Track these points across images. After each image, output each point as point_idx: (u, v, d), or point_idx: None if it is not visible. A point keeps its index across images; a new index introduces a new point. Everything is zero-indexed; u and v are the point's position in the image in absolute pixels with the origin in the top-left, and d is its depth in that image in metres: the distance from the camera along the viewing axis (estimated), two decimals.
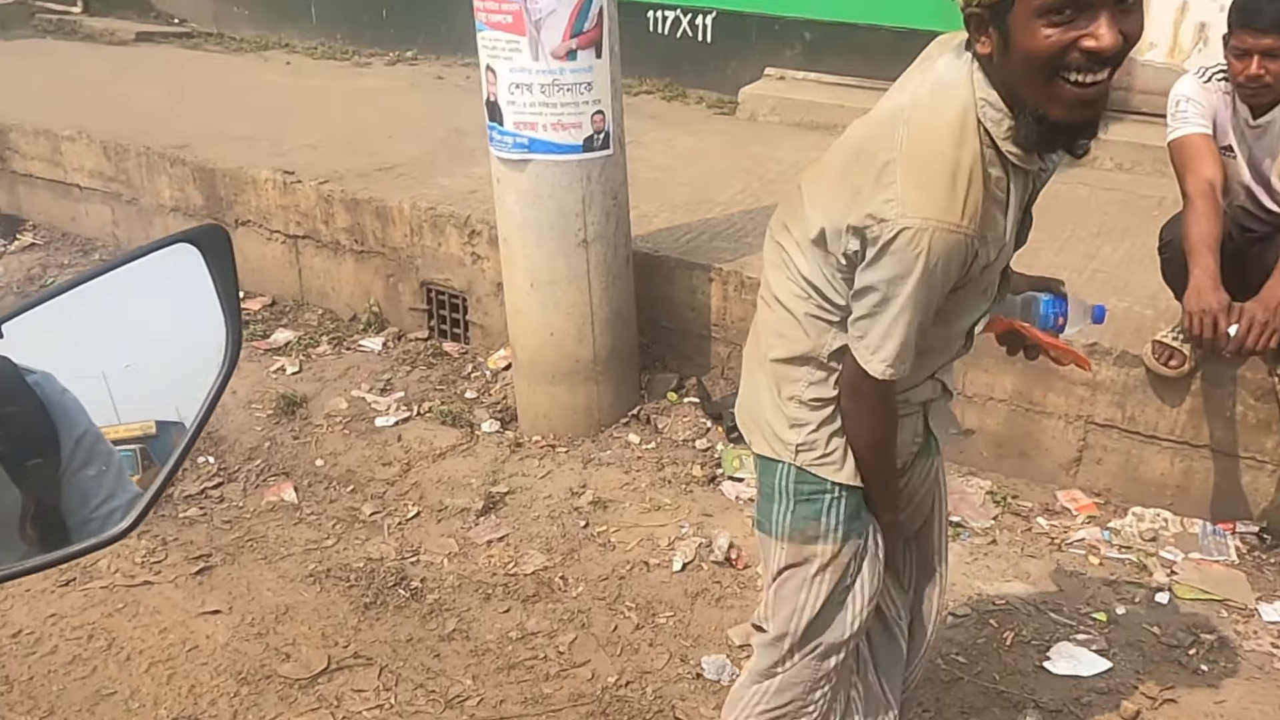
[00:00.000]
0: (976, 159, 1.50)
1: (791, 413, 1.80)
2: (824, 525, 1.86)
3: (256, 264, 4.77)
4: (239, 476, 3.50)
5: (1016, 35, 1.41)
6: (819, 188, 1.66)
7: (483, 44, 3.17)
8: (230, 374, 1.01)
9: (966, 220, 1.49)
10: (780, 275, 1.76)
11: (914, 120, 1.53)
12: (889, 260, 1.51)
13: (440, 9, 6.78)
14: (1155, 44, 5.05)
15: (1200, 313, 2.56)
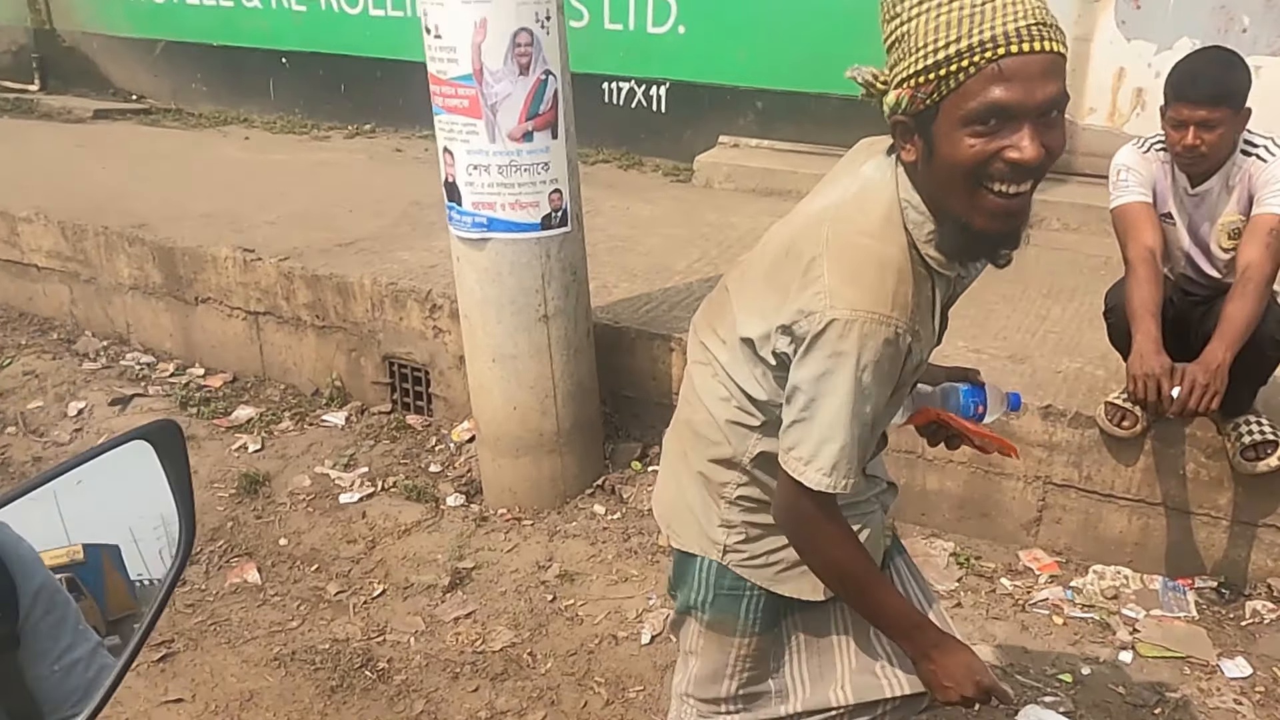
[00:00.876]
0: (904, 252, 1.49)
1: (723, 512, 1.76)
2: (742, 619, 1.83)
3: (217, 341, 4.76)
4: (201, 558, 3.47)
5: (941, 144, 1.41)
6: (746, 288, 1.64)
7: (440, 127, 3.23)
8: (184, 564, 1.04)
9: (896, 311, 1.46)
10: (705, 374, 1.73)
11: (840, 217, 1.53)
12: (818, 354, 1.47)
13: (397, 83, 6.87)
14: (1095, 109, 5.22)
15: (1144, 376, 2.63)
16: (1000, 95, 1.35)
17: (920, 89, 1.39)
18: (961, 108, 1.37)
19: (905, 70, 1.40)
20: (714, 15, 5.98)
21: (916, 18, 1.38)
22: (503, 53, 3.04)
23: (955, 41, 1.35)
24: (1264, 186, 2.73)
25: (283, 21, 7.38)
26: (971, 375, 1.96)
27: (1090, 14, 5.12)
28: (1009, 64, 1.34)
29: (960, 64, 1.35)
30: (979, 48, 1.34)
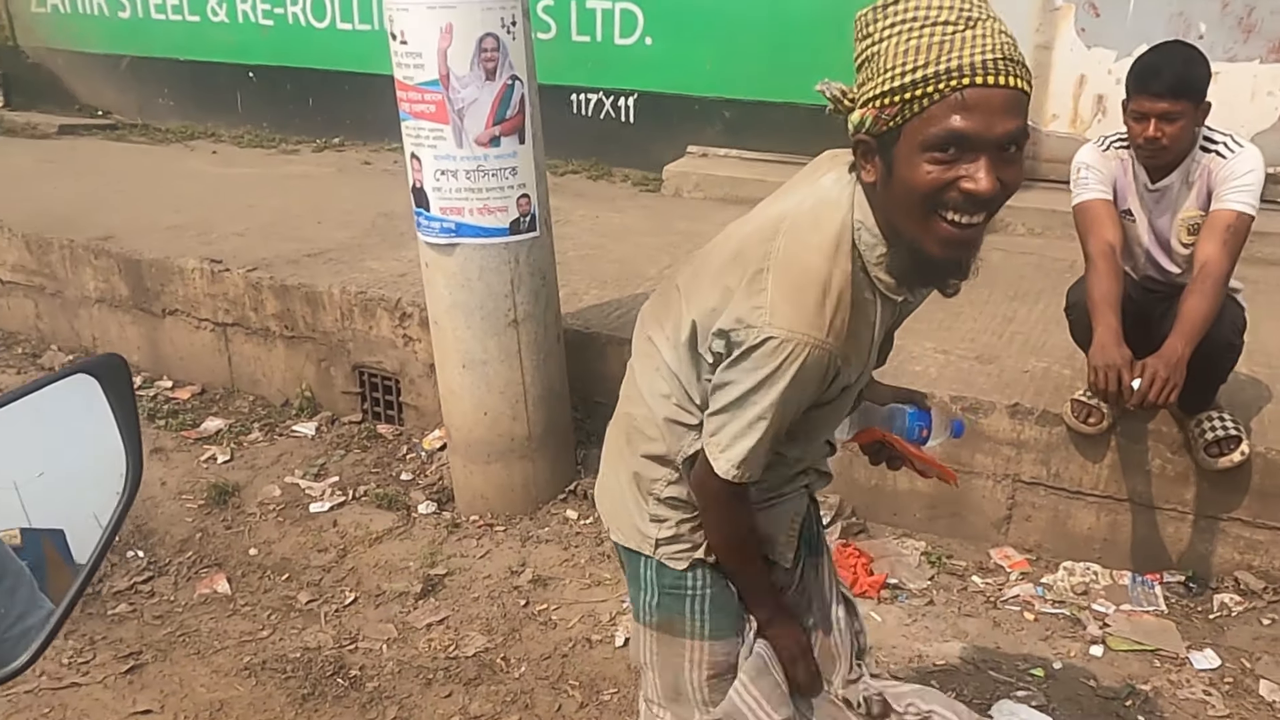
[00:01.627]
0: (847, 279, 1.52)
1: (651, 509, 1.80)
2: (689, 620, 1.85)
3: (185, 353, 4.73)
4: (170, 570, 3.44)
5: (900, 167, 1.42)
6: (695, 286, 1.66)
7: (407, 133, 3.23)
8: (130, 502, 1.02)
9: (832, 337, 1.49)
10: (648, 368, 1.76)
11: (791, 231, 1.55)
12: (750, 365, 1.52)
13: (365, 96, 6.87)
14: (1058, 115, 5.29)
15: (1105, 367, 2.66)
16: (960, 124, 1.36)
17: (885, 110, 1.40)
18: (923, 133, 1.38)
19: (872, 90, 1.41)
20: (680, 27, 6.02)
21: (888, 39, 1.39)
22: (469, 58, 3.05)
23: (923, 66, 1.36)
24: (1223, 183, 2.77)
25: (250, 36, 7.36)
26: (918, 399, 1.98)
27: (1051, 22, 5.19)
28: (972, 94, 1.35)
29: (925, 89, 1.36)
30: (945, 75, 1.35)
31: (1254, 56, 4.85)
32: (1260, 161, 2.76)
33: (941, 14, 1.37)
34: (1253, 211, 2.75)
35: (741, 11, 5.82)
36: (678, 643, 1.87)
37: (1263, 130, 4.85)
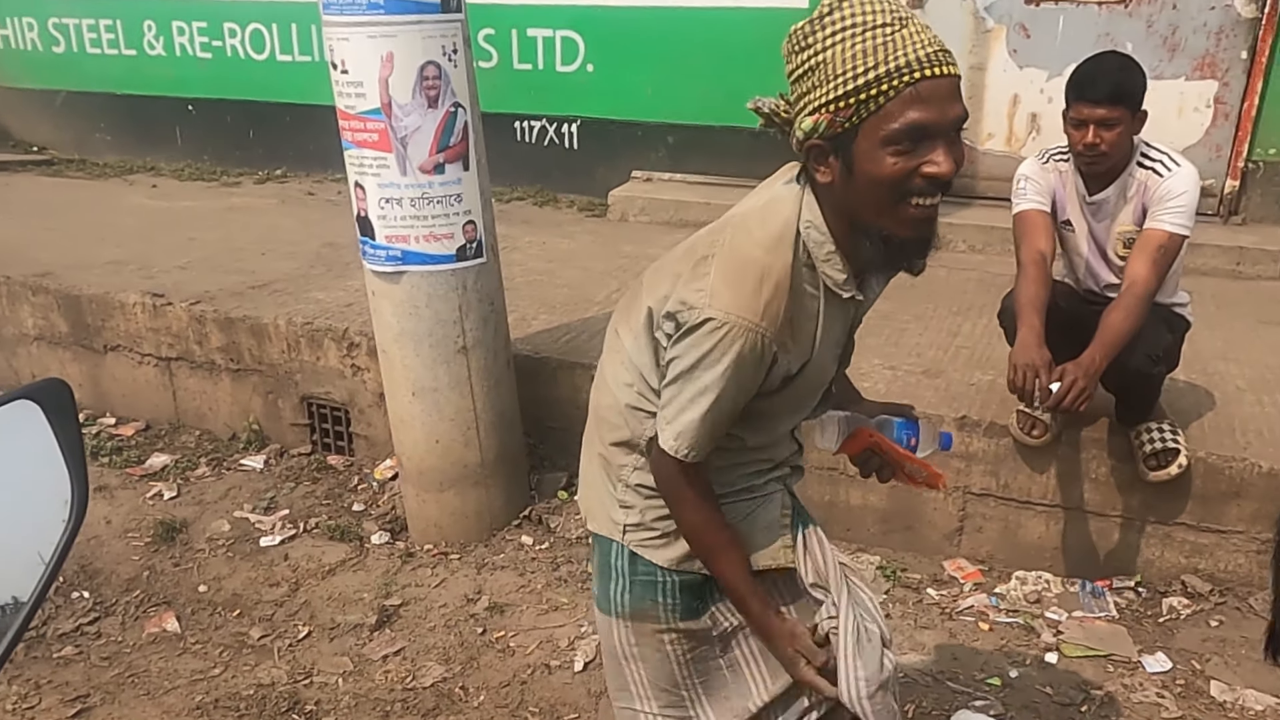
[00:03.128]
0: (786, 270, 1.59)
1: (619, 495, 1.86)
2: (661, 608, 1.89)
3: (128, 389, 4.65)
4: (116, 609, 3.37)
5: (862, 163, 1.50)
6: (656, 279, 1.73)
7: (350, 161, 3.21)
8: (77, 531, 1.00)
9: (766, 322, 1.57)
10: (615, 361, 1.83)
11: (740, 225, 1.63)
12: (691, 343, 1.60)
13: (307, 127, 6.83)
14: (993, 134, 5.40)
15: (1024, 366, 2.72)
16: (919, 116, 1.45)
17: (840, 113, 1.47)
18: (883, 129, 1.46)
19: (823, 96, 1.48)
20: (621, 54, 6.06)
21: (832, 47, 1.46)
22: (410, 86, 3.05)
23: (874, 67, 1.44)
24: (1158, 202, 2.83)
25: (188, 69, 7.29)
26: (906, 411, 2.04)
27: (984, 44, 5.30)
28: (925, 87, 1.44)
29: (880, 88, 1.44)
30: (897, 72, 1.43)
31: (1179, 74, 4.98)
32: (1195, 182, 2.83)
33: (877, 18, 1.46)
34: (1185, 232, 2.82)
35: (681, 38, 5.88)
36: (653, 629, 1.91)
37: (1190, 145, 4.99)
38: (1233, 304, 4.39)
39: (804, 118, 1.51)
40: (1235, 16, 4.85)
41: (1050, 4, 5.14)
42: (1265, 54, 4.81)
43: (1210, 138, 5.04)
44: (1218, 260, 4.80)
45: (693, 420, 1.64)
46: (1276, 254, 4.79)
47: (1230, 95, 4.95)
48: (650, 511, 1.85)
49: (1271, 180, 5.03)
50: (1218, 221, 5.07)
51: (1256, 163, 5.02)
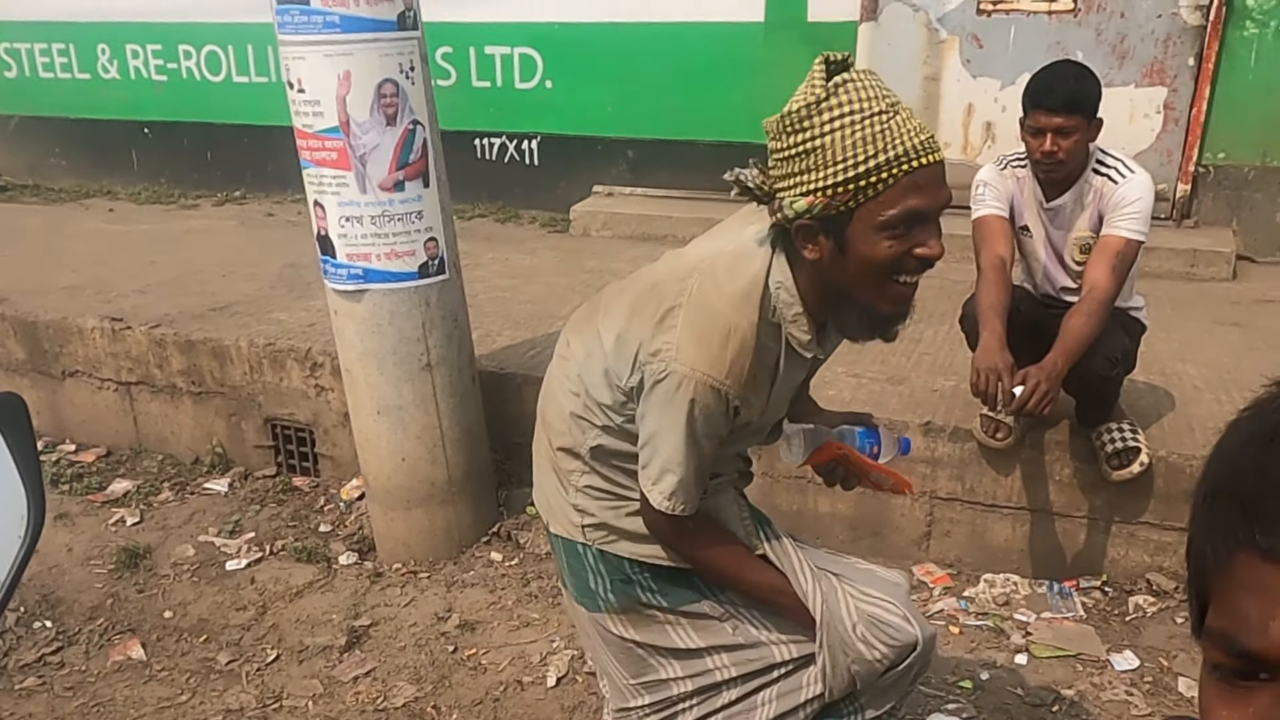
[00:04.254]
0: (752, 328, 1.64)
1: (572, 499, 1.90)
2: (644, 595, 1.94)
3: (88, 414, 4.60)
4: (80, 639, 3.31)
5: (856, 245, 1.56)
6: (616, 305, 1.77)
7: (309, 180, 3.20)
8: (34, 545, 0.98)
9: (730, 380, 1.63)
10: (563, 369, 1.87)
11: (708, 274, 1.67)
12: (659, 397, 1.65)
13: (265, 148, 6.79)
14: (949, 144, 5.46)
15: (986, 370, 2.75)
16: (915, 203, 1.53)
17: (837, 197, 1.52)
18: (880, 214, 1.53)
19: (820, 181, 1.52)
20: (579, 70, 6.09)
21: (830, 134, 1.50)
22: (368, 104, 3.04)
23: (873, 156, 1.49)
24: (1114, 209, 2.88)
25: (142, 92, 7.23)
26: (866, 419, 2.09)
27: (938, 54, 5.37)
28: (920, 174, 1.51)
29: (880, 175, 1.50)
30: (895, 161, 1.49)
31: (1129, 81, 5.07)
32: (1150, 188, 2.88)
33: (872, 105, 1.50)
34: (1141, 237, 2.86)
35: (639, 53, 5.91)
36: (648, 616, 1.96)
37: (1142, 150, 5.07)
38: (1188, 305, 4.46)
39: (796, 198, 1.55)
40: (1181, 24, 4.94)
41: (1001, 14, 5.21)
42: (1211, 60, 4.90)
43: (1161, 143, 5.13)
44: (1172, 263, 4.88)
45: (678, 479, 1.70)
46: (1229, 256, 4.88)
47: (1179, 101, 5.04)
48: (605, 511, 1.88)
49: (1222, 184, 5.12)
50: (1171, 225, 5.15)
51: (1207, 167, 5.11)
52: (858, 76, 1.52)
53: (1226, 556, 0.60)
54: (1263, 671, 0.57)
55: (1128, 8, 5.00)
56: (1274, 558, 0.56)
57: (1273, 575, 0.56)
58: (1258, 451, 0.60)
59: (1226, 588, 0.60)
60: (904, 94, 5.33)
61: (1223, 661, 0.60)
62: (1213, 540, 0.62)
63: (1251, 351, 3.91)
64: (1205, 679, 0.62)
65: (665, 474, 1.70)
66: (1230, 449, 0.63)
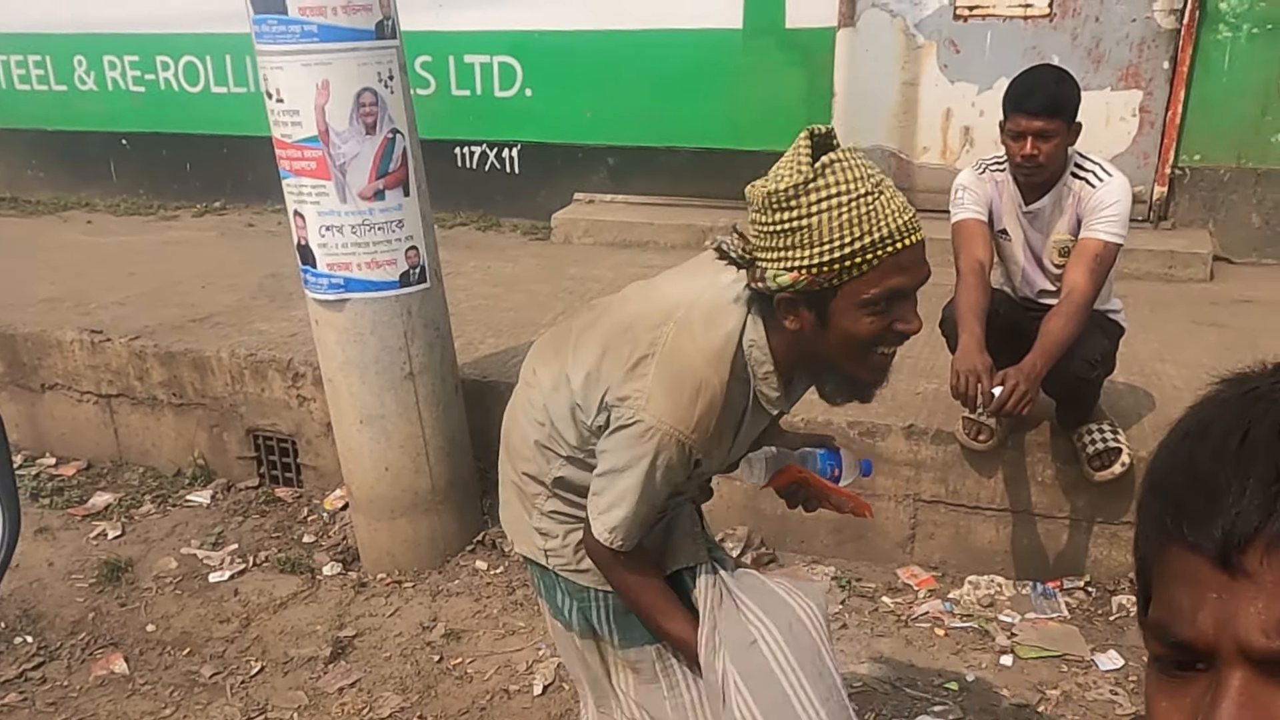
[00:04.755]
0: (722, 385, 1.67)
1: (535, 523, 1.93)
2: (598, 628, 1.97)
3: (68, 428, 4.57)
4: (61, 653, 3.29)
5: (839, 319, 1.59)
6: (586, 341, 1.79)
7: (289, 190, 3.19)
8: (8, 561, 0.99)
9: (696, 434, 1.66)
10: (529, 395, 1.88)
11: (683, 323, 1.69)
12: (622, 441, 1.68)
13: (244, 158, 6.77)
14: (928, 148, 5.49)
15: (966, 372, 2.76)
16: (898, 282, 1.56)
17: (821, 275, 1.55)
18: (864, 293, 1.56)
19: (805, 259, 1.54)
20: (559, 78, 6.09)
21: (818, 214, 1.52)
22: (347, 113, 3.04)
23: (859, 238, 1.51)
24: (1092, 212, 2.90)
25: (120, 103, 7.20)
26: (828, 441, 2.11)
27: (915, 60, 5.40)
28: (904, 255, 1.54)
29: (865, 257, 1.52)
30: (880, 243, 1.52)
31: (1105, 85, 5.11)
32: (1127, 191, 2.90)
33: (858, 186, 1.52)
34: (1119, 240, 2.89)
35: (618, 61, 5.92)
36: (600, 648, 2.01)
37: (1119, 153, 5.11)
38: (1166, 306, 4.49)
39: (780, 272, 1.57)
40: (1156, 28, 4.98)
41: (978, 19, 5.24)
42: (1186, 63, 4.95)
43: (1137, 146, 5.17)
44: (1150, 264, 4.91)
45: (623, 516, 1.72)
46: (1206, 257, 4.92)
47: (1155, 104, 5.08)
48: (571, 536, 1.90)
49: (1198, 185, 5.16)
50: (1148, 227, 5.18)
51: (1183, 169, 5.15)
52: (844, 157, 1.55)
53: (1160, 550, 0.62)
54: (1199, 662, 0.59)
55: (1103, 12, 5.04)
56: (1200, 550, 0.58)
57: (1201, 567, 0.58)
58: (1189, 446, 0.61)
59: (1162, 580, 0.62)
60: (881, 99, 5.44)
61: (1161, 653, 0.62)
62: (1148, 534, 0.64)
63: (1230, 351, 3.94)
64: (1148, 672, 0.64)
65: (613, 509, 1.73)
66: (1167, 444, 0.64)
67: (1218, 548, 0.57)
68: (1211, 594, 0.58)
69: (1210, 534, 0.58)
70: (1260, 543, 0.56)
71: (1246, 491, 0.57)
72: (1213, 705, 0.57)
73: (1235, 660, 0.57)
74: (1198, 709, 0.58)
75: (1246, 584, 0.56)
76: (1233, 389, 0.63)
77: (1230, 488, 0.57)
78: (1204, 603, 0.58)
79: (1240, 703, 0.56)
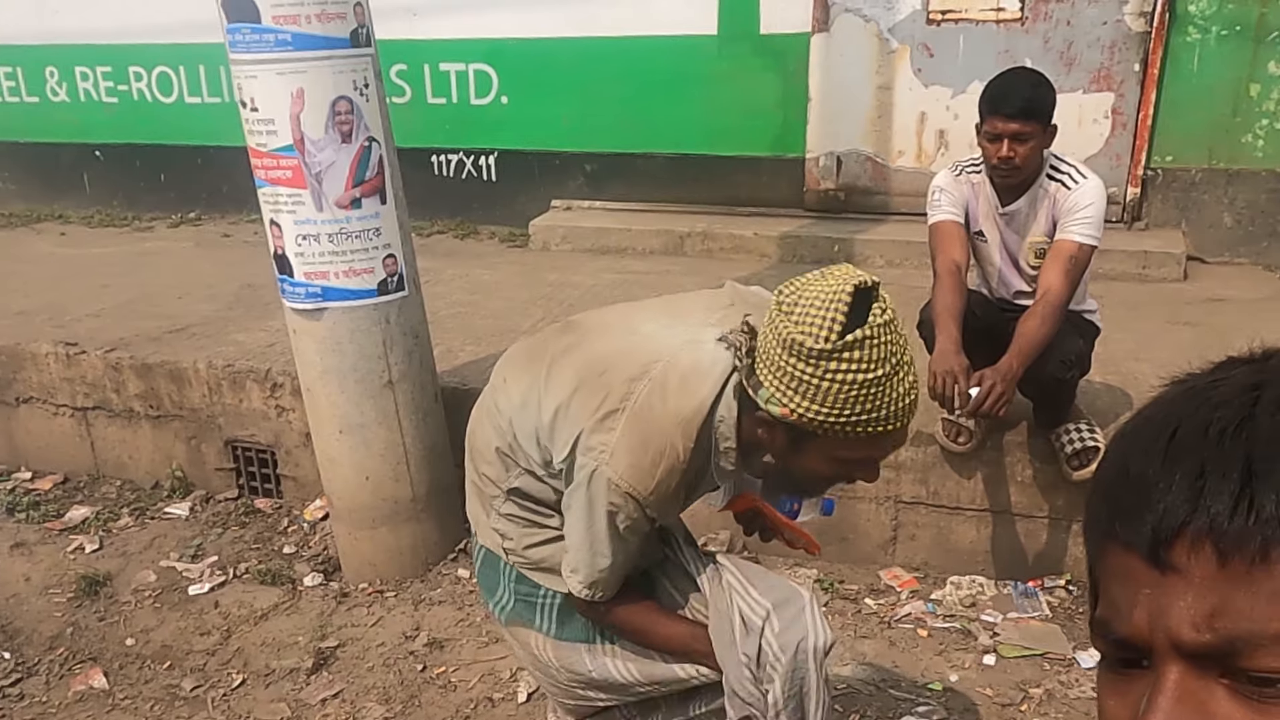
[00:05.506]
0: (686, 453, 1.71)
1: (493, 523, 1.98)
2: (537, 622, 2.02)
3: (44, 441, 4.53)
4: (40, 669, 3.26)
5: (808, 454, 1.65)
6: (561, 367, 1.81)
7: (264, 199, 3.18)
8: None
9: (653, 496, 1.70)
10: (494, 399, 1.91)
11: (657, 385, 1.71)
12: (586, 493, 1.72)
13: (219, 168, 6.74)
14: (904, 152, 5.52)
15: (943, 373, 2.79)
16: (875, 454, 1.66)
17: (810, 424, 1.60)
18: (840, 451, 1.63)
19: (802, 409, 1.58)
20: (534, 85, 6.09)
21: (830, 383, 1.54)
22: (323, 121, 3.03)
23: (857, 415, 1.57)
24: (1067, 214, 2.92)
25: (93, 114, 7.16)
26: None
27: (889, 64, 5.43)
28: (890, 435, 1.63)
29: (855, 428, 1.58)
30: (874, 422, 1.58)
31: (1077, 87, 5.15)
32: (1102, 193, 2.93)
33: (877, 368, 1.54)
34: (1094, 242, 2.91)
35: (593, 68, 5.93)
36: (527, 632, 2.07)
37: (1092, 154, 5.15)
38: (1141, 306, 4.53)
39: (775, 403, 1.61)
40: (1126, 30, 5.03)
41: (950, 24, 5.28)
42: (1156, 65, 5.00)
43: (1110, 147, 5.21)
44: (1124, 265, 4.95)
45: (600, 571, 1.78)
46: (1179, 257, 4.96)
47: (1126, 106, 5.13)
48: (524, 539, 1.94)
49: (1170, 186, 5.21)
50: (1122, 228, 5.23)
51: (1155, 170, 5.20)
52: (875, 334, 1.53)
53: (1100, 548, 0.63)
54: (1144, 659, 0.59)
55: (1074, 15, 5.08)
56: (1132, 547, 0.59)
57: (1134, 564, 0.59)
58: (1124, 445, 0.62)
59: (1103, 578, 0.63)
60: (856, 104, 5.47)
61: (1106, 651, 0.63)
62: (1091, 534, 0.65)
63: (1204, 350, 3.91)
64: (1099, 671, 0.65)
65: (584, 566, 1.78)
66: (1111, 445, 0.65)
67: (1147, 544, 0.58)
68: (1144, 590, 0.58)
69: (1140, 530, 0.58)
70: (1186, 537, 0.56)
71: (1173, 487, 0.57)
72: (1149, 701, 0.58)
73: (1169, 655, 0.57)
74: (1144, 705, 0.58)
75: (1175, 579, 0.57)
76: (1174, 389, 0.64)
77: (1158, 484, 0.58)
78: (1138, 599, 0.58)
79: (1175, 697, 0.57)
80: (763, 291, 1.93)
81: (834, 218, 5.52)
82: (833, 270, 1.59)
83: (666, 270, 5.23)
